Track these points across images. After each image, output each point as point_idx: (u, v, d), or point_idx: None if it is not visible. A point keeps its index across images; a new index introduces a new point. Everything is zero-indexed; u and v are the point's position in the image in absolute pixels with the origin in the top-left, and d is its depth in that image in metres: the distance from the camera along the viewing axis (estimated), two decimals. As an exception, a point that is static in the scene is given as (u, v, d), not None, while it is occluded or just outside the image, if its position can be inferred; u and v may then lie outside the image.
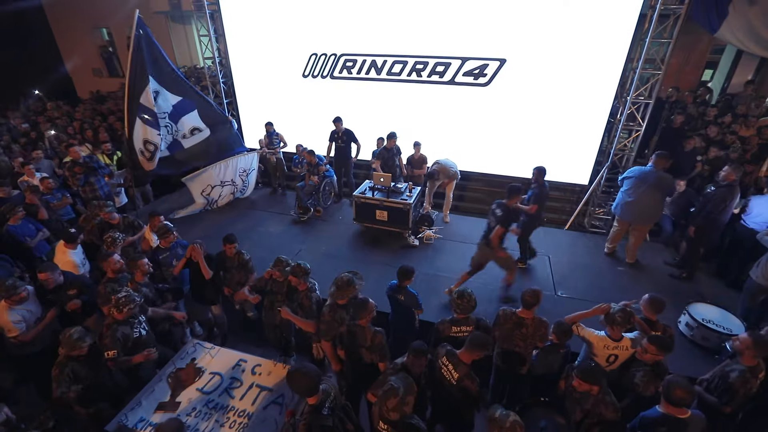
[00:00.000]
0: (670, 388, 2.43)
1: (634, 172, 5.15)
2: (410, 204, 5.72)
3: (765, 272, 4.07)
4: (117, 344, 3.05)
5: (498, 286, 4.97)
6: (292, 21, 7.31)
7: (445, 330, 3.20)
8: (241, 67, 8.14)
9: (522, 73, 6.36)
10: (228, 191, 7.17)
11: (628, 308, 3.09)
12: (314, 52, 7.45)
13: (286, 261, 3.71)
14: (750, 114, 7.05)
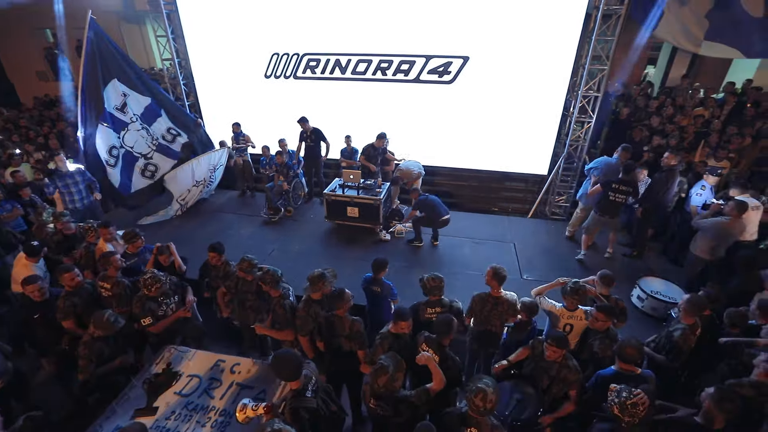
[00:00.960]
0: (622, 348, 2.70)
1: (600, 162, 5.54)
2: (380, 200, 5.85)
3: (700, 246, 4.54)
4: (147, 313, 3.40)
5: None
6: (252, 20, 7.21)
7: (421, 312, 3.33)
8: (202, 69, 7.94)
9: (484, 71, 6.63)
10: (197, 192, 7.01)
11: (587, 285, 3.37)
12: (276, 52, 7.36)
13: (250, 260, 3.65)
14: (686, 105, 7.71)
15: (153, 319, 3.46)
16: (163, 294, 3.54)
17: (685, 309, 3.14)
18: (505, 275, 3.38)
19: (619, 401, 2.27)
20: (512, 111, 6.76)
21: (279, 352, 2.44)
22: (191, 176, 6.66)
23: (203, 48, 7.71)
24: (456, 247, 5.85)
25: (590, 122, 6.43)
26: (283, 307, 3.37)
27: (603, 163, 5.50)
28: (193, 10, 7.43)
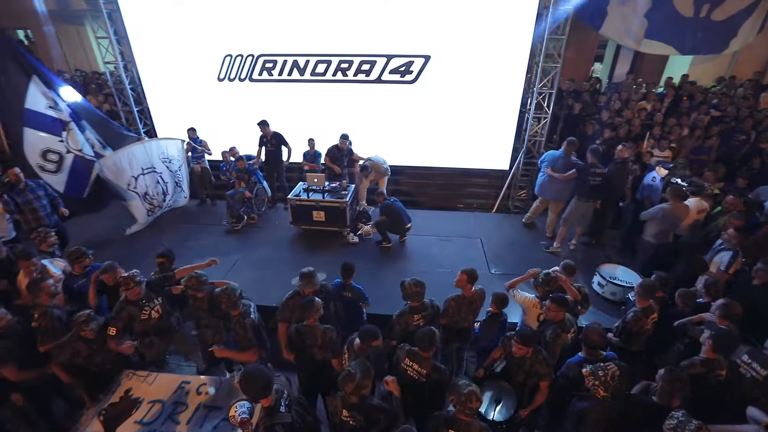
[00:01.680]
0: (587, 334, 2.80)
1: (548, 156, 5.77)
2: (346, 202, 5.77)
3: (650, 232, 4.82)
4: (119, 323, 3.21)
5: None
6: (202, 20, 6.84)
7: (409, 322, 3.23)
8: (151, 72, 7.47)
9: (444, 70, 6.69)
10: (153, 182, 6.28)
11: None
12: (229, 53, 7.03)
13: (198, 277, 3.44)
14: (631, 99, 8.20)
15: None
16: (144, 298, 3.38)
17: (638, 293, 3.32)
18: (477, 276, 3.40)
19: (601, 381, 2.37)
20: (473, 109, 6.89)
21: (247, 370, 2.32)
22: (133, 162, 5.98)
23: (150, 50, 7.25)
24: (424, 245, 5.88)
25: (546, 118, 6.67)
26: (243, 326, 3.13)
27: (550, 156, 5.75)
28: (137, 10, 6.96)
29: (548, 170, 5.63)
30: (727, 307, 3.12)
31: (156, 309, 3.47)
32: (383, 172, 6.41)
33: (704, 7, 7.50)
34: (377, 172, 6.37)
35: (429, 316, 3.28)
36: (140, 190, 6.08)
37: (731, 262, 4.14)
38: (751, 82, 8.89)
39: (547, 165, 5.70)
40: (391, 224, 5.65)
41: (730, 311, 3.11)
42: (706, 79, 9.59)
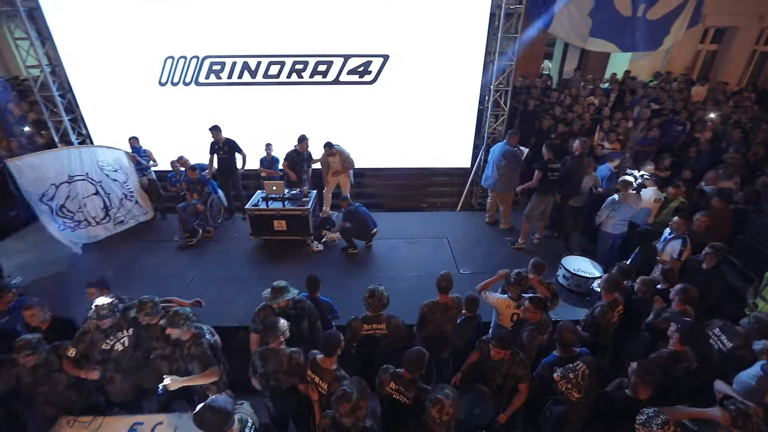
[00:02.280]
0: (561, 333, 2.80)
1: (493, 149, 5.97)
2: (308, 210, 5.53)
3: (608, 223, 5.00)
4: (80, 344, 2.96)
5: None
6: (138, 18, 6.23)
7: (358, 329, 3.13)
8: (82, 76, 6.72)
9: (403, 69, 6.59)
10: (85, 191, 5.61)
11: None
12: (170, 55, 6.49)
13: (150, 301, 3.11)
14: (580, 95, 8.56)
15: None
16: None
17: (604, 288, 3.39)
18: (449, 285, 3.31)
19: (574, 384, 2.34)
20: (432, 107, 6.87)
21: (202, 407, 2.06)
22: (59, 168, 5.33)
23: (81, 52, 6.52)
24: (391, 249, 5.76)
25: (504, 115, 6.78)
26: (200, 345, 2.89)
27: (498, 149, 5.88)
28: (62, 7, 6.24)
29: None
30: (685, 292, 3.26)
31: (122, 341, 3.14)
32: (348, 164, 6.20)
33: (640, 7, 7.95)
34: (343, 162, 6.15)
35: (381, 332, 3.12)
36: (56, 201, 5.36)
37: (682, 249, 4.36)
38: (683, 76, 9.59)
39: (493, 158, 5.89)
40: (356, 230, 5.49)
41: (688, 296, 3.24)
42: (644, 75, 10.24)
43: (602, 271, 4.70)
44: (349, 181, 6.45)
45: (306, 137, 6.18)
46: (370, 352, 3.20)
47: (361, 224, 5.44)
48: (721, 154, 6.88)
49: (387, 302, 3.16)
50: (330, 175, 6.30)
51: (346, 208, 5.43)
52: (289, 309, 3.22)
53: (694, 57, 10.61)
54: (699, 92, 9.45)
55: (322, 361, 2.68)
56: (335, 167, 6.19)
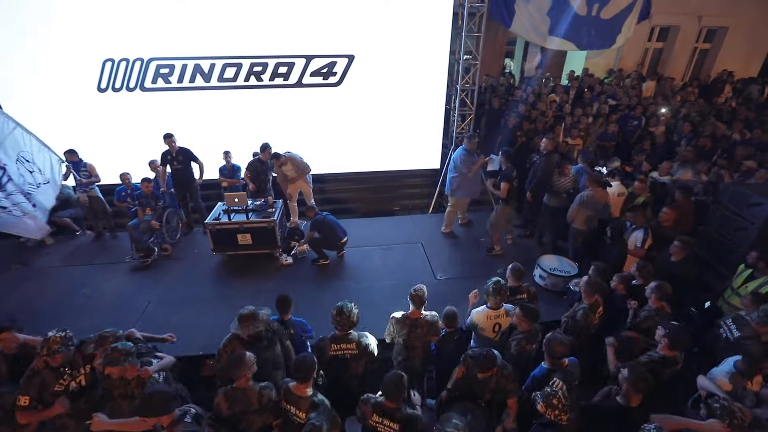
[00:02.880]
0: (550, 345, 2.68)
1: (457, 155, 5.74)
2: (275, 221, 5.19)
3: (579, 219, 5.04)
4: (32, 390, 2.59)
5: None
6: (71, 18, 5.56)
7: (326, 349, 2.90)
8: (6, 82, 5.91)
9: (369, 71, 6.37)
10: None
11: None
12: (110, 57, 5.84)
13: (111, 335, 2.75)
14: (542, 93, 8.71)
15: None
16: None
17: (585, 290, 3.34)
18: (422, 300, 3.13)
19: (560, 408, 2.22)
20: (400, 109, 6.71)
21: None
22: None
23: (7, 55, 5.79)
24: (365, 257, 5.53)
25: (471, 114, 6.73)
26: (144, 385, 2.61)
27: (460, 155, 5.68)
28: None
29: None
30: (660, 289, 3.27)
31: (78, 380, 2.77)
32: (303, 169, 5.83)
33: (594, 6, 8.19)
34: (296, 168, 5.77)
35: (351, 352, 2.92)
36: None
37: (645, 238, 4.48)
38: (635, 73, 10.02)
39: (455, 164, 5.68)
40: (325, 240, 5.21)
41: (663, 292, 3.25)
42: (599, 72, 10.60)
43: (578, 269, 4.72)
44: (310, 188, 6.11)
45: (269, 145, 5.80)
46: (340, 376, 2.97)
47: (331, 234, 5.17)
48: (674, 146, 7.21)
49: (357, 320, 2.94)
50: (289, 185, 5.91)
51: (313, 218, 5.13)
52: (262, 336, 2.91)
53: (643, 54, 11.12)
54: (649, 87, 9.91)
55: (296, 388, 2.44)
56: (291, 175, 5.83)
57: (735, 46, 11.13)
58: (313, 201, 6.16)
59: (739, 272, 3.90)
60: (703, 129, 7.36)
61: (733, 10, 10.55)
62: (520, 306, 3.01)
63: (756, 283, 3.70)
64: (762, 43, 11.44)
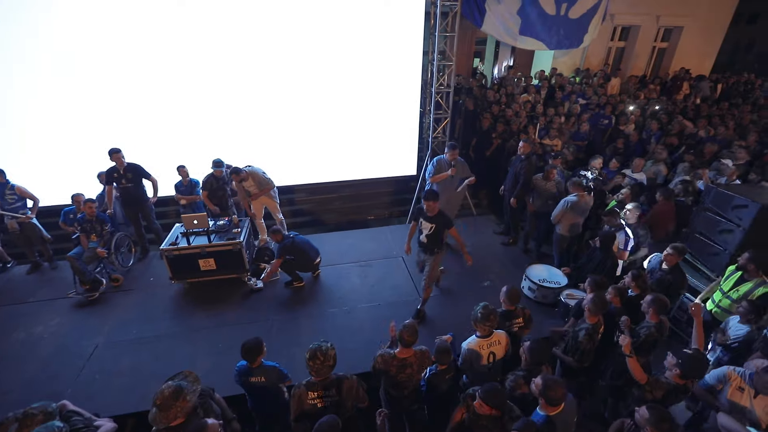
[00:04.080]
0: (548, 390, 2.34)
1: (433, 164, 5.24)
2: (241, 243, 4.68)
3: (561, 225, 4.87)
4: None
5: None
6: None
7: (302, 399, 2.48)
8: None
9: (338, 73, 5.95)
10: None
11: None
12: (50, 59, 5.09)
13: (41, 411, 2.23)
14: (515, 93, 8.60)
15: None
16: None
17: (589, 309, 3.11)
18: (414, 339, 2.75)
19: None
20: (372, 114, 6.35)
21: None
22: None
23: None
24: (342, 276, 5.12)
25: (447, 117, 6.46)
26: None
27: (436, 162, 5.20)
28: None
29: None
30: (657, 302, 3.08)
31: None
32: (265, 184, 5.27)
33: (563, 6, 8.16)
34: (258, 183, 5.21)
35: (332, 399, 2.53)
36: None
37: (626, 240, 4.36)
38: (601, 71, 10.15)
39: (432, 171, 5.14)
40: (297, 263, 4.75)
41: (661, 305, 3.07)
42: (566, 71, 10.68)
43: (567, 280, 4.53)
44: (275, 203, 5.54)
45: (221, 162, 5.23)
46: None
47: (302, 256, 4.70)
48: (646, 144, 7.27)
49: (334, 362, 2.52)
50: (252, 201, 5.36)
51: (281, 244, 4.60)
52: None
53: (607, 53, 11.33)
54: (614, 84, 10.07)
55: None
56: (253, 191, 5.26)
57: (690, 45, 11.56)
58: (282, 216, 5.65)
59: (728, 274, 3.83)
60: (671, 127, 7.46)
61: (688, 11, 10.94)
62: (530, 347, 2.70)
63: (747, 286, 3.62)
64: (714, 41, 11.97)
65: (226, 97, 5.79)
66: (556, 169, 5.31)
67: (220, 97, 5.78)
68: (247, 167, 5.22)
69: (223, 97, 5.79)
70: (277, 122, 6.08)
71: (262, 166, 5.52)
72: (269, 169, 5.50)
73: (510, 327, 3.28)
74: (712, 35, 11.76)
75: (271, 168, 5.58)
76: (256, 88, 5.84)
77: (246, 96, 5.84)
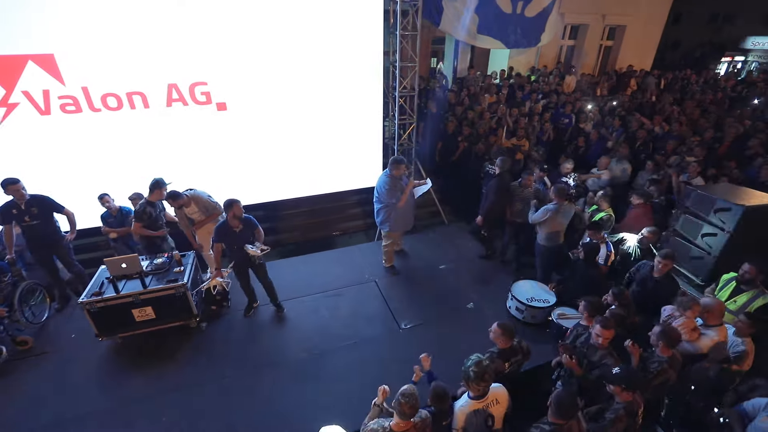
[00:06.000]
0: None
1: (378, 183, 4.80)
2: (185, 284, 3.89)
3: (543, 236, 4.59)
4: None
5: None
6: None
7: None
8: None
9: (292, 81, 5.22)
10: None
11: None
12: None
13: None
14: (477, 93, 8.34)
15: None
16: None
17: (603, 340, 2.76)
18: (414, 412, 2.23)
19: None
20: (332, 123, 5.70)
21: None
22: None
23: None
24: (309, 311, 4.46)
25: (413, 123, 6.01)
26: None
27: (385, 183, 4.65)
28: None
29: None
30: (668, 336, 2.79)
31: None
32: (212, 210, 4.48)
33: (519, 4, 8.00)
34: (203, 209, 4.43)
35: None
36: None
37: (607, 255, 4.18)
38: (557, 69, 10.23)
39: (389, 192, 4.61)
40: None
41: (672, 339, 2.78)
42: (522, 70, 10.69)
43: (555, 297, 4.22)
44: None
45: (161, 182, 4.36)
46: None
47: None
48: (606, 142, 7.27)
49: None
50: (197, 231, 4.54)
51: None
52: None
53: (559, 52, 11.50)
54: (569, 82, 10.19)
55: None
56: (197, 218, 4.46)
57: (632, 43, 12.05)
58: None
59: (722, 284, 3.67)
60: (630, 124, 7.54)
61: (630, 10, 11.36)
62: (558, 401, 2.25)
63: (745, 297, 3.47)
64: (653, 39, 12.59)
65: (162, 110, 4.91)
66: (532, 176, 5.02)
67: (154, 111, 4.88)
68: (188, 191, 4.42)
69: (157, 111, 4.90)
70: (225, 136, 5.28)
71: (207, 187, 4.75)
72: (216, 191, 4.74)
73: (511, 364, 2.88)
74: (651, 33, 12.34)
75: (219, 189, 4.79)
76: (199, 99, 5.01)
77: (185, 109, 4.99)
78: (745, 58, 20.87)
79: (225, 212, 3.86)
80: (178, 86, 4.86)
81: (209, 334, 4.14)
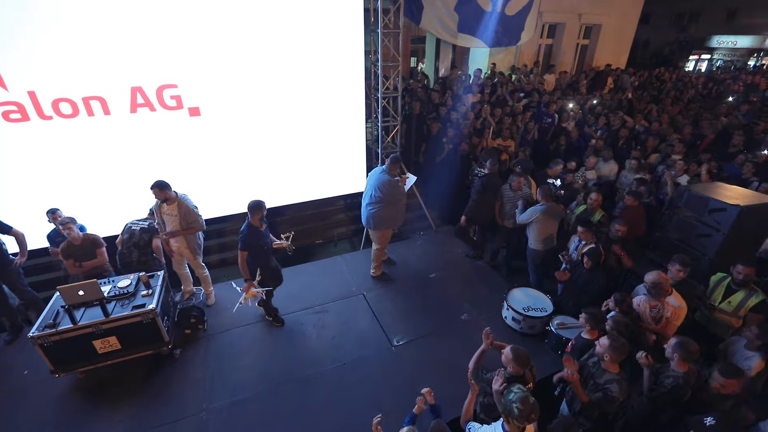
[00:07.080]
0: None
1: (369, 176, 4.67)
2: (154, 309, 3.50)
3: (534, 239, 4.50)
4: None
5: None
6: None
7: None
8: None
9: (272, 85, 4.88)
10: None
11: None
12: None
13: None
14: (460, 93, 8.17)
15: None
16: None
17: (611, 356, 2.58)
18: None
19: None
20: (313, 128, 5.38)
21: None
22: None
23: None
24: (295, 330, 4.14)
25: (397, 125, 5.76)
26: None
27: (375, 180, 4.48)
28: None
29: None
30: (685, 348, 2.65)
31: None
32: (193, 222, 4.03)
33: (499, 2, 7.90)
34: (183, 216, 3.97)
35: None
36: None
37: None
38: (536, 68, 10.20)
39: (376, 191, 4.41)
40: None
41: (689, 352, 2.64)
42: (502, 69, 10.63)
43: (552, 306, 4.05)
44: (197, 255, 4.27)
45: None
46: None
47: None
48: (589, 141, 7.23)
49: None
50: (170, 239, 4.11)
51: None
52: None
53: (537, 50, 11.50)
54: (549, 81, 10.19)
55: None
56: (172, 224, 4.01)
57: (608, 41, 12.20)
58: (207, 273, 4.47)
59: (714, 284, 3.60)
60: (613, 122, 7.53)
61: (605, 9, 11.49)
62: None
63: (739, 296, 3.40)
64: (627, 38, 12.80)
65: (125, 117, 4.47)
66: (521, 178, 4.87)
67: (116, 118, 4.44)
68: (181, 195, 4.02)
69: (120, 118, 4.46)
70: (200, 143, 4.87)
71: (198, 194, 4.34)
72: (205, 198, 4.38)
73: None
74: (625, 32, 12.54)
75: (196, 201, 4.36)
76: (168, 104, 4.60)
77: (152, 115, 4.57)
78: (711, 56, 21.67)
79: (251, 214, 3.71)
80: (143, 90, 4.43)
81: (183, 362, 3.77)
